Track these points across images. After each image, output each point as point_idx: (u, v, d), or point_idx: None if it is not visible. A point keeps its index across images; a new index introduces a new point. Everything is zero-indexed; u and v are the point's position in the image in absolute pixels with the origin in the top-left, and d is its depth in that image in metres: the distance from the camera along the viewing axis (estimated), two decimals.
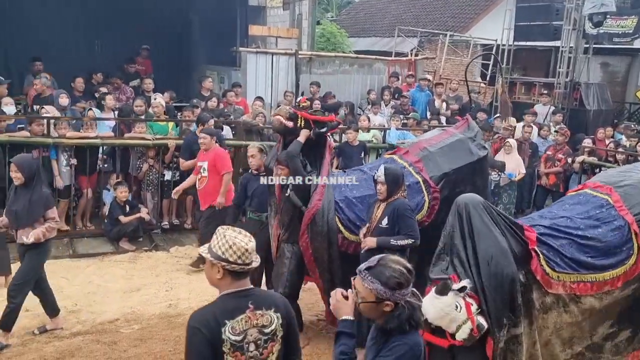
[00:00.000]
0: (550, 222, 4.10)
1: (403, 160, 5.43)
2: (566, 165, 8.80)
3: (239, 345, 2.48)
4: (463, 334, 3.46)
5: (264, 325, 2.54)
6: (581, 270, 3.93)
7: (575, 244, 3.99)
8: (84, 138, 7.15)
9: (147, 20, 12.74)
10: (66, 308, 5.62)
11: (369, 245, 4.47)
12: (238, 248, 2.48)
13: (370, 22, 22.19)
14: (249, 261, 2.52)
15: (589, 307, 3.98)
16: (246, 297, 2.53)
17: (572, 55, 13.33)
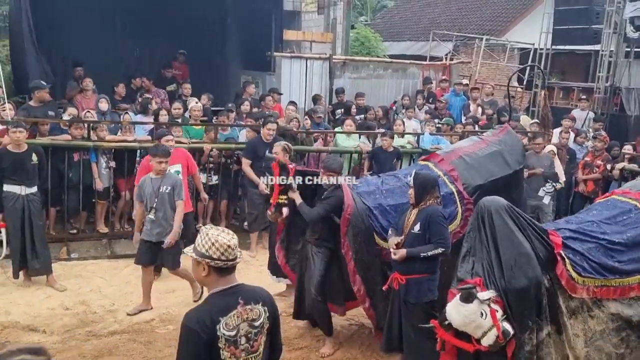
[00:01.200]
0: (576, 226, 4.10)
1: (437, 168, 5.40)
2: (605, 172, 8.59)
3: (233, 340, 2.60)
4: (489, 340, 3.46)
5: (254, 319, 2.67)
6: (607, 275, 3.90)
7: (602, 247, 3.97)
8: (122, 141, 7.33)
9: (184, 26, 12.98)
10: (104, 307, 5.79)
11: (399, 258, 4.46)
12: (221, 245, 2.59)
13: (404, 26, 22.10)
14: (233, 257, 2.62)
15: (615, 312, 3.91)
16: (235, 294, 2.65)
17: (613, 59, 13.02)
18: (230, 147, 7.88)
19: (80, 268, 6.74)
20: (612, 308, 3.92)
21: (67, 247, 7.13)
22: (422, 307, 4.49)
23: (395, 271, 4.57)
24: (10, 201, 5.95)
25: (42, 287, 6.12)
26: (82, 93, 8.95)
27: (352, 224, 4.82)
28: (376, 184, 5.44)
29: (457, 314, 3.53)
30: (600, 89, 13.07)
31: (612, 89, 12.99)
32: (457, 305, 3.50)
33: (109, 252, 7.21)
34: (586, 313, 3.85)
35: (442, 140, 8.74)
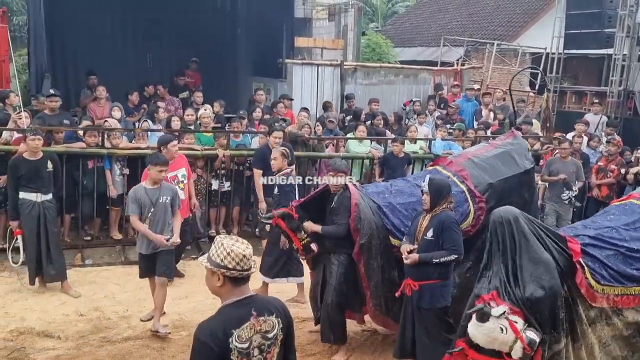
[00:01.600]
0: (595, 232, 4.03)
1: (446, 170, 5.43)
2: (619, 176, 8.51)
3: (246, 352, 2.57)
4: (517, 353, 3.42)
5: (267, 330, 2.63)
6: (626, 283, 3.84)
7: (621, 255, 3.91)
8: (136, 149, 7.39)
9: (196, 34, 13.10)
10: (118, 313, 5.83)
11: (411, 262, 4.46)
12: (236, 255, 2.55)
13: (415, 32, 22.09)
14: (247, 267, 2.59)
15: (632, 321, 3.86)
16: (248, 305, 2.61)
17: (626, 63, 12.92)
18: (242, 153, 7.93)
19: (95, 274, 6.80)
20: (630, 317, 3.88)
21: (81, 253, 7.20)
22: (436, 312, 4.48)
23: (408, 277, 4.56)
24: (27, 208, 6.03)
25: (57, 294, 6.18)
26: (96, 101, 9.06)
27: (362, 224, 4.86)
28: (385, 185, 5.52)
29: (479, 334, 3.50)
30: (614, 92, 12.97)
31: (625, 92, 12.89)
32: (476, 326, 3.47)
33: (123, 258, 7.27)
34: (604, 322, 3.80)
35: (454, 146, 8.72)
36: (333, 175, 5.09)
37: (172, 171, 6.42)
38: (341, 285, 5.01)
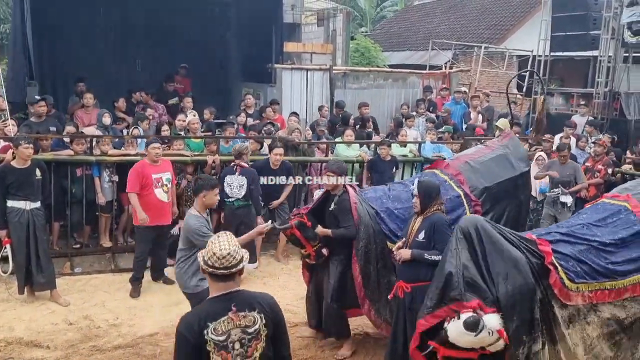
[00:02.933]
0: (566, 229, 4.10)
1: (443, 173, 5.48)
2: (606, 176, 8.59)
3: (223, 345, 2.71)
4: (496, 347, 3.46)
5: (247, 325, 2.76)
6: (600, 278, 3.88)
7: (594, 249, 3.96)
8: (125, 155, 7.36)
9: (185, 39, 13.09)
10: (108, 322, 5.79)
11: (403, 257, 4.48)
12: (218, 256, 2.74)
13: (404, 36, 22.22)
14: (229, 264, 2.74)
15: (610, 316, 3.88)
16: (230, 300, 2.76)
17: (611, 64, 13.05)
18: (231, 159, 7.90)
19: (84, 282, 6.75)
20: (607, 312, 3.90)
21: (70, 261, 7.14)
22: None
23: (400, 279, 4.58)
24: (16, 216, 5.98)
25: (46, 302, 6.13)
26: (83, 108, 9.01)
27: (360, 229, 4.93)
28: (383, 189, 5.53)
29: (464, 340, 3.51)
30: (600, 94, 13.09)
31: (611, 94, 13.01)
32: (463, 334, 3.47)
33: (113, 266, 7.23)
34: (583, 320, 3.82)
35: (443, 149, 8.77)
36: (331, 175, 5.14)
37: (158, 173, 6.47)
38: (340, 284, 5.07)
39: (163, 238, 6.68)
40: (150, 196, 6.42)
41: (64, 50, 12.16)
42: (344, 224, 5.02)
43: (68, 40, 12.14)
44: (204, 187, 4.78)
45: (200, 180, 4.91)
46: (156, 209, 6.46)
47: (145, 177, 6.40)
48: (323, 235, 5.13)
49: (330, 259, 5.16)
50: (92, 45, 12.50)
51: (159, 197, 6.47)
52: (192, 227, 4.62)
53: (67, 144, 7.33)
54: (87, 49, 12.28)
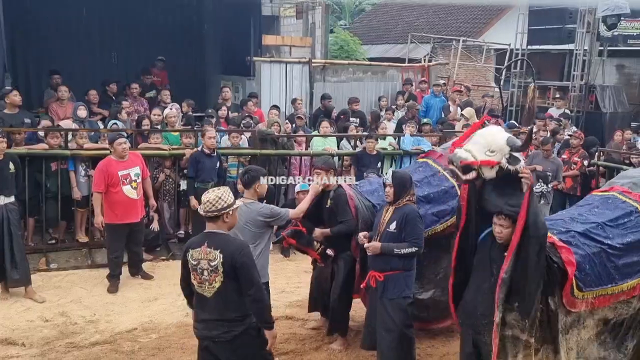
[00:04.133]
0: (582, 227, 3.99)
1: (437, 164, 5.50)
2: (582, 168, 8.72)
3: (195, 268, 3.60)
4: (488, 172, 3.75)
5: (210, 259, 3.55)
6: (604, 284, 3.85)
7: (604, 252, 3.90)
8: (101, 149, 7.24)
9: (162, 32, 12.90)
10: (85, 318, 5.70)
11: (372, 250, 4.48)
12: (204, 202, 3.61)
13: (383, 29, 22.21)
14: (210, 209, 3.57)
15: (602, 317, 3.91)
16: (206, 237, 3.61)
17: (587, 58, 13.25)
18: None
19: (60, 278, 6.64)
20: (600, 314, 3.92)
21: (46, 257, 7.02)
22: (400, 303, 4.51)
23: (372, 269, 4.59)
24: None
25: (20, 299, 6.01)
26: (58, 102, 8.82)
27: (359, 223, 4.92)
28: (378, 181, 5.51)
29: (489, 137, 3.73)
30: (576, 87, 13.28)
31: (586, 87, 13.21)
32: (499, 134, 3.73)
33: (90, 261, 7.11)
34: (581, 325, 3.83)
35: (422, 141, 8.78)
36: (319, 173, 5.10)
37: (125, 170, 6.33)
38: (347, 283, 5.06)
39: (136, 234, 6.58)
40: (119, 194, 6.27)
41: (38, 42, 11.90)
42: (342, 218, 4.98)
43: (42, 32, 11.89)
44: (257, 177, 4.67)
45: (252, 172, 4.76)
46: (125, 206, 6.34)
47: (111, 175, 6.24)
48: (323, 236, 5.09)
49: (337, 257, 5.13)
50: (66, 37, 12.26)
51: (127, 195, 6.32)
52: (262, 211, 4.59)
53: (42, 138, 7.18)
54: (61, 41, 12.04)
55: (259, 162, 7.87)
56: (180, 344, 5.21)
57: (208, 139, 7.28)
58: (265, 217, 4.58)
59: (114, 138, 6.42)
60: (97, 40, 13.03)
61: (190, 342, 5.22)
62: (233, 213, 3.65)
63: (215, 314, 3.60)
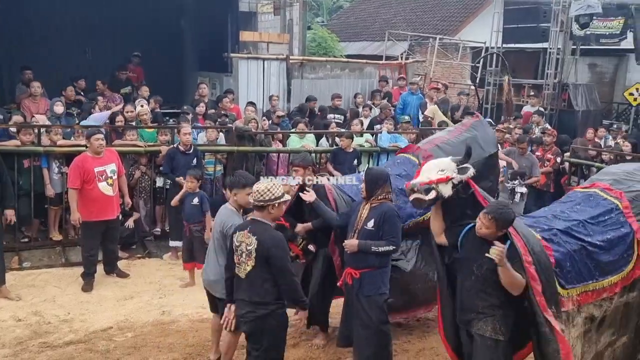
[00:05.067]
0: (565, 224, 4.04)
1: (415, 157, 5.55)
2: (555, 165, 8.88)
3: (236, 249, 3.98)
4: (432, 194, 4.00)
5: (248, 244, 3.90)
6: (585, 280, 3.90)
7: (585, 250, 3.95)
8: (75, 146, 7.13)
9: (138, 27, 12.74)
10: (59, 317, 5.62)
11: (349, 248, 4.50)
12: (254, 191, 3.97)
13: (360, 26, 22.26)
14: (258, 198, 3.91)
15: (589, 315, 3.96)
16: (250, 223, 4.00)
17: (560, 56, 13.47)
18: None
19: (33, 277, 6.52)
20: (586, 312, 3.96)
21: (18, 256, 6.89)
22: (376, 300, 4.53)
23: (348, 266, 4.61)
24: None
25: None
26: (31, 97, 8.66)
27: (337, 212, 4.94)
28: (358, 177, 5.52)
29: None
30: (549, 85, 13.49)
31: (560, 85, 13.43)
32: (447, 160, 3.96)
33: (63, 259, 7.01)
34: (570, 324, 3.87)
35: (399, 138, 8.85)
36: (297, 170, 5.13)
37: (101, 166, 6.26)
38: (325, 278, 5.08)
39: (112, 232, 6.51)
40: (95, 191, 6.20)
41: (9, 37, 11.66)
42: (320, 209, 4.95)
43: (14, 26, 11.65)
44: (234, 184, 4.53)
45: (234, 177, 4.66)
46: (101, 203, 6.26)
47: (86, 171, 6.15)
48: (305, 230, 5.09)
49: (316, 253, 5.17)
50: (38, 32, 12.06)
51: (103, 192, 6.24)
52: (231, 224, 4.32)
53: (14, 134, 7.04)
54: (33, 36, 11.83)
55: (236, 159, 7.87)
56: (156, 343, 5.17)
57: (183, 136, 7.22)
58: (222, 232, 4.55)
59: (92, 133, 6.34)
60: (71, 35, 12.82)
61: (166, 341, 5.19)
62: (279, 206, 3.96)
63: (245, 294, 3.95)
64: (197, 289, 6.41)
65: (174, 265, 7.07)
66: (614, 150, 8.59)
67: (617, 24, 13.42)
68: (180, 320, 5.65)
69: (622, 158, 8.08)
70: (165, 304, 6.01)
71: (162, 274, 6.79)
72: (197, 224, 6.43)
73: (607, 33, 13.65)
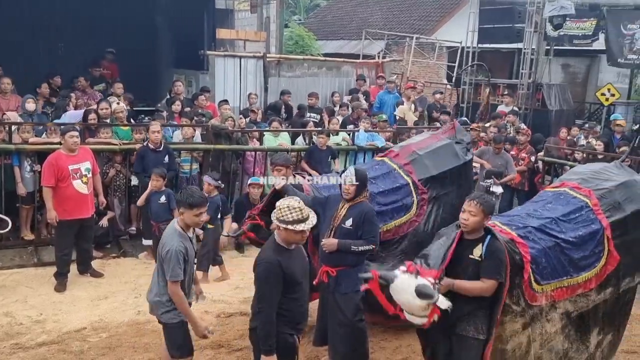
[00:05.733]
0: (538, 222, 4.12)
1: (393, 162, 5.65)
2: (530, 164, 9.00)
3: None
4: (415, 320, 3.56)
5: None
6: (560, 277, 3.98)
7: (558, 246, 4.03)
8: (48, 144, 6.99)
9: (112, 23, 12.55)
10: (31, 318, 5.51)
11: (328, 247, 4.50)
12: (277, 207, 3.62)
13: (338, 24, 22.30)
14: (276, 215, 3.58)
15: (564, 310, 4.04)
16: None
17: (534, 57, 13.66)
18: None
19: (4, 277, 6.38)
20: (562, 308, 4.04)
21: None
22: (353, 297, 4.54)
23: (324, 264, 4.61)
24: None
25: None
26: (1, 94, 8.47)
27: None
28: (336, 177, 5.50)
29: (404, 299, 3.49)
30: (524, 85, 13.69)
31: (534, 85, 13.64)
32: (408, 294, 3.45)
33: (36, 259, 6.87)
34: (544, 318, 3.95)
35: (376, 137, 8.88)
36: (280, 169, 5.15)
37: (75, 164, 6.16)
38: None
39: (86, 230, 6.40)
40: (69, 189, 6.10)
41: None
42: None
43: None
44: (180, 203, 3.97)
45: (182, 194, 4.03)
46: (75, 201, 6.16)
47: (61, 169, 6.05)
48: None
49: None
50: (9, 27, 11.76)
51: (77, 190, 6.14)
52: (168, 249, 3.86)
53: None
54: (3, 31, 11.53)
55: (212, 157, 7.81)
56: (131, 343, 5.11)
57: (152, 134, 7.15)
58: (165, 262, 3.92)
59: (67, 130, 6.24)
60: (43, 30, 12.55)
61: (141, 341, 5.13)
62: (286, 231, 3.56)
63: None
64: None
65: (149, 265, 6.97)
66: (587, 150, 8.74)
67: (589, 25, 13.69)
68: (156, 320, 5.56)
69: (594, 157, 8.24)
70: (140, 304, 5.92)
71: (138, 273, 6.70)
72: (165, 222, 6.34)
73: (580, 34, 13.92)
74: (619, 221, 4.29)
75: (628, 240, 4.33)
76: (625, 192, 4.45)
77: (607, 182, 4.51)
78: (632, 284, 4.49)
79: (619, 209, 4.34)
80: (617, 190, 4.44)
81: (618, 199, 4.38)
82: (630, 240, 4.35)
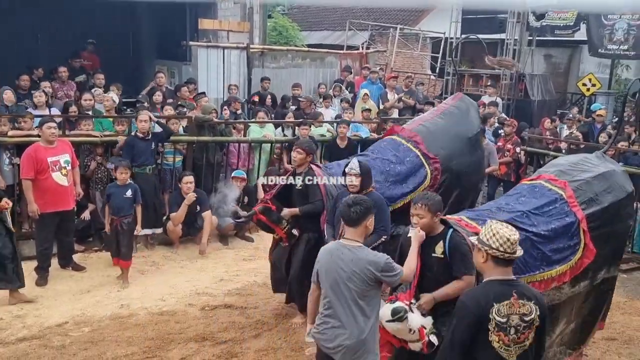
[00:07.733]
0: (508, 216, 4.03)
1: (400, 137, 5.65)
2: (515, 155, 9.04)
3: (503, 327, 2.91)
4: (415, 347, 3.52)
5: (525, 313, 2.94)
6: (532, 271, 3.91)
7: (529, 240, 3.94)
8: (27, 136, 6.87)
9: (91, 13, 12.35)
10: (11, 313, 5.44)
11: None
12: (500, 237, 2.95)
13: (321, 15, 22.20)
14: (511, 251, 2.95)
15: None
16: (510, 286, 2.97)
17: (517, 47, 13.72)
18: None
19: None
20: None
21: None
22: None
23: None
24: None
25: None
26: None
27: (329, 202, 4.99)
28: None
29: (392, 328, 3.51)
30: (507, 75, 13.75)
31: (517, 75, 13.70)
32: (392, 323, 3.48)
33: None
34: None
35: (361, 128, 8.87)
36: (300, 152, 5.19)
37: (54, 156, 6.08)
38: (305, 262, 5.05)
39: (67, 224, 6.32)
40: (48, 181, 6.01)
41: None
42: (313, 199, 5.09)
43: None
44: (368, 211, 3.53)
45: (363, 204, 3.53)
46: (55, 194, 6.08)
47: (39, 161, 5.96)
48: (292, 215, 5.17)
49: (299, 238, 5.25)
50: None
51: (57, 182, 6.06)
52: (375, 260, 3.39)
53: None
54: None
55: (196, 149, 7.74)
56: (114, 337, 5.06)
57: (140, 123, 7.08)
58: (378, 270, 3.34)
59: (45, 121, 6.16)
60: (20, 20, 12.31)
61: (124, 335, 5.09)
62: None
63: None
64: (156, 281, 6.33)
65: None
66: (569, 140, 8.81)
67: (570, 15, 13.76)
68: (139, 313, 5.54)
69: (577, 147, 8.30)
70: (123, 297, 5.88)
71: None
72: (128, 217, 6.29)
73: (562, 24, 13.99)
74: (596, 213, 4.20)
75: (606, 232, 4.25)
76: (604, 183, 4.38)
77: (584, 173, 4.43)
78: (609, 275, 4.45)
79: (596, 200, 4.25)
80: (595, 182, 4.35)
81: (596, 190, 4.30)
82: (609, 232, 4.27)
